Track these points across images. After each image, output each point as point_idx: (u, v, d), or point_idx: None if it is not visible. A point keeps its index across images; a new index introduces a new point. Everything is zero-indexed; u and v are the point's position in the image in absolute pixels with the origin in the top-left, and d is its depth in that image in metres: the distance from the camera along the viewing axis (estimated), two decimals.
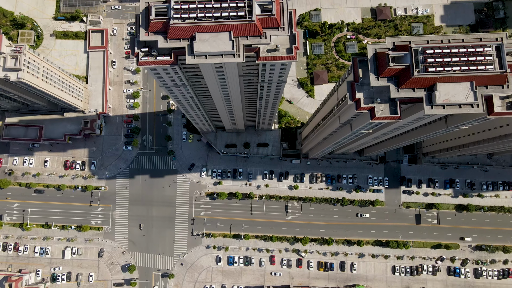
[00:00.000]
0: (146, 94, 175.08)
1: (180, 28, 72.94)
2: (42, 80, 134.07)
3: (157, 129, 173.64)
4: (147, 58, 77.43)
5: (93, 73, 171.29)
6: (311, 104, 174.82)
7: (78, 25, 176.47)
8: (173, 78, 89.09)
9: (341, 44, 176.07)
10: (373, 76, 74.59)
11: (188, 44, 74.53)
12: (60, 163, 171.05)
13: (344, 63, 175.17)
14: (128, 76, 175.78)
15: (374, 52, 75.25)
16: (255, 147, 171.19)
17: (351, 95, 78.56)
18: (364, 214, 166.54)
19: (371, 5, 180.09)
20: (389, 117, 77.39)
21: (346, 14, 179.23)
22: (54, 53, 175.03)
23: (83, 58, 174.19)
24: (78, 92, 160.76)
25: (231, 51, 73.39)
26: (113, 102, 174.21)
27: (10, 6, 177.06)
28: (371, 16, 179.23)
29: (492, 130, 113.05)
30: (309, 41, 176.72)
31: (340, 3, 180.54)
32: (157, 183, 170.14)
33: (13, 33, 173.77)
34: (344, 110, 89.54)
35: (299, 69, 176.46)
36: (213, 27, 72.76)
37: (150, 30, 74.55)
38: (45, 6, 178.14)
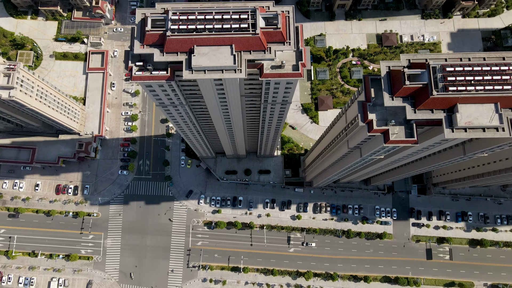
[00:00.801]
0: (145, 117, 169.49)
1: (177, 41, 67.41)
2: (36, 100, 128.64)
3: (155, 154, 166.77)
4: (141, 72, 71.57)
5: (91, 95, 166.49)
6: (315, 130, 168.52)
7: (78, 47, 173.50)
8: (169, 96, 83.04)
9: (346, 69, 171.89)
10: (387, 95, 68.17)
11: (186, 58, 68.80)
12: (51, 187, 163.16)
13: (349, 89, 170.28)
14: (127, 99, 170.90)
15: (388, 70, 69.16)
16: (256, 174, 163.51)
17: (363, 116, 71.88)
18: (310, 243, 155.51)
19: (377, 31, 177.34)
20: (405, 140, 70.33)
21: (351, 40, 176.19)
22: (52, 74, 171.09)
23: (82, 79, 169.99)
24: (74, 113, 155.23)
25: (232, 66, 67.50)
26: (111, 124, 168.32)
27: (11, 26, 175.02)
28: (376, 42, 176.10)
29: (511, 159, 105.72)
30: (313, 66, 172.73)
31: (345, 29, 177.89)
32: (152, 210, 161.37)
33: (12, 53, 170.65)
34: (354, 133, 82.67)
35: (303, 94, 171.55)
36: (213, 40, 67.24)
37: (146, 43, 69.04)
38: (47, 28, 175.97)
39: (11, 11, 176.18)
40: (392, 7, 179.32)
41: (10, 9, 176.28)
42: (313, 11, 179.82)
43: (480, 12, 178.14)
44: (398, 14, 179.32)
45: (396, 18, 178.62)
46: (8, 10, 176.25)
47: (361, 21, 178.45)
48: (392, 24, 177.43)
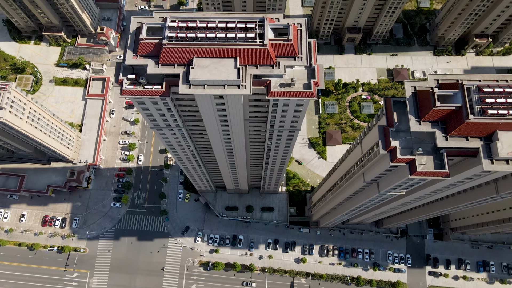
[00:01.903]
0: (143, 147, 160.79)
1: (175, 51, 59.57)
2: (27, 123, 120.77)
3: (151, 186, 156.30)
4: (133, 86, 63.26)
5: (89, 122, 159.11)
6: (323, 166, 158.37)
7: (80, 73, 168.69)
8: (165, 116, 74.33)
9: (356, 104, 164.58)
10: (414, 119, 58.86)
11: (183, 71, 60.67)
12: (38, 218, 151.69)
13: (359, 124, 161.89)
14: (126, 127, 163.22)
15: (413, 90, 60.38)
16: (258, 212, 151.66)
17: (384, 143, 62.17)
18: None
19: (387, 66, 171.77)
20: (434, 172, 60.09)
21: (361, 74, 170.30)
22: (50, 99, 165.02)
23: (80, 105, 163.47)
24: (69, 140, 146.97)
25: (236, 80, 59.09)
26: (106, 153, 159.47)
27: (13, 50, 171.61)
28: (387, 77, 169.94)
29: None
30: (321, 99, 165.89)
31: (355, 63, 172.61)
32: (144, 248, 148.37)
33: (11, 77, 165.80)
34: (372, 164, 72.62)
35: (311, 128, 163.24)
36: (215, 51, 59.35)
37: (139, 53, 61.28)
38: (49, 53, 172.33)
39: (14, 36, 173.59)
40: (403, 43, 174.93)
41: (14, 33, 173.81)
42: (322, 44, 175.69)
43: (494, 50, 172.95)
44: (409, 50, 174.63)
45: (408, 53, 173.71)
46: (12, 35, 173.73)
47: (371, 56, 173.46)
48: (403, 60, 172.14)
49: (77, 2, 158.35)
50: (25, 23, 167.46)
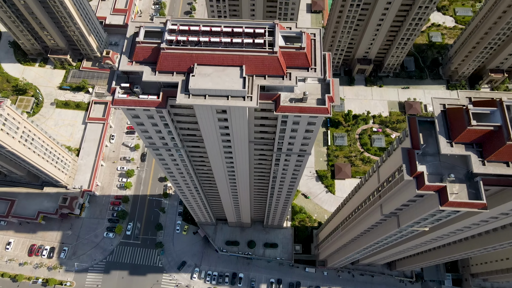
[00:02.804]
0: (142, 174, 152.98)
1: (174, 56, 53.36)
2: (19, 143, 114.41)
3: (148, 215, 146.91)
4: (126, 96, 56.63)
5: (87, 146, 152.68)
6: (331, 201, 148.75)
7: (82, 96, 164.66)
8: (161, 133, 67.21)
9: (367, 136, 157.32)
10: (444, 140, 51.09)
11: (183, 80, 54.18)
12: (25, 247, 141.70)
13: (370, 158, 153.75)
14: (125, 153, 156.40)
15: (442, 108, 53.02)
16: (261, 247, 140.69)
17: (409, 168, 53.96)
18: None
19: (399, 99, 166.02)
20: (469, 203, 51.38)
21: (372, 106, 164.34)
22: (50, 122, 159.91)
23: (80, 129, 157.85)
24: (64, 164, 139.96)
25: (241, 90, 52.27)
26: (103, 179, 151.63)
27: (16, 72, 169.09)
28: (399, 110, 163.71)
29: None
30: (330, 130, 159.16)
31: (365, 95, 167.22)
32: (136, 283, 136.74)
33: (12, 99, 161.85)
34: (393, 193, 63.95)
35: (318, 160, 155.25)
36: (219, 57, 53.04)
37: (135, 59, 55.16)
38: (53, 76, 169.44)
39: (20, 58, 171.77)
40: (415, 76, 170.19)
41: (19, 55, 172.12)
42: (331, 75, 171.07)
43: (510, 86, 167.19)
44: (421, 83, 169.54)
45: (420, 87, 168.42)
46: (17, 56, 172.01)
47: (382, 88, 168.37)
48: (416, 93, 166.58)
49: (85, 26, 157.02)
50: (31, 45, 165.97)
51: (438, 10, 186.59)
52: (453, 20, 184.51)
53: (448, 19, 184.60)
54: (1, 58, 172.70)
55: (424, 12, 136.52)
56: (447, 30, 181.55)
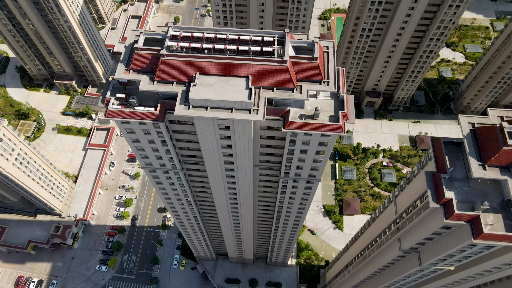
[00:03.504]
0: (141, 204, 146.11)
1: (174, 64, 49.00)
2: (14, 165, 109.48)
3: (144, 248, 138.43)
4: (121, 107, 51.83)
5: (86, 173, 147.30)
6: (339, 238, 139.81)
7: (85, 122, 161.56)
8: (158, 152, 61.75)
9: (376, 171, 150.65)
10: (475, 163, 45.04)
11: (183, 90, 49.51)
12: (11, 279, 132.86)
13: (380, 193, 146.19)
14: (125, 181, 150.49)
15: (471, 127, 47.36)
16: (263, 287, 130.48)
17: (435, 194, 47.50)
18: None
19: (410, 133, 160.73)
20: (507, 236, 44.36)
21: (382, 140, 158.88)
22: (50, 147, 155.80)
23: (80, 155, 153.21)
24: (60, 190, 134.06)
25: (246, 102, 47.31)
26: (100, 208, 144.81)
27: (21, 97, 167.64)
28: (410, 144, 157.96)
29: None
30: (338, 163, 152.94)
31: (374, 128, 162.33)
32: None
33: (13, 123, 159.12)
34: (414, 225, 56.86)
35: (326, 194, 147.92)
36: (223, 67, 48.58)
37: (133, 67, 50.88)
38: (57, 101, 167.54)
39: (25, 83, 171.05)
40: (426, 110, 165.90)
41: (25, 80, 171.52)
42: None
43: None
44: (432, 118, 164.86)
45: (431, 121, 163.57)
46: (23, 81, 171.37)
47: (392, 121, 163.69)
48: (427, 127, 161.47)
49: (92, 53, 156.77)
50: (38, 70, 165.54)
51: (448, 46, 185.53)
52: (463, 56, 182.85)
53: (457, 55, 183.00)
54: (7, 83, 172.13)
55: (433, 47, 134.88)
56: (457, 66, 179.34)
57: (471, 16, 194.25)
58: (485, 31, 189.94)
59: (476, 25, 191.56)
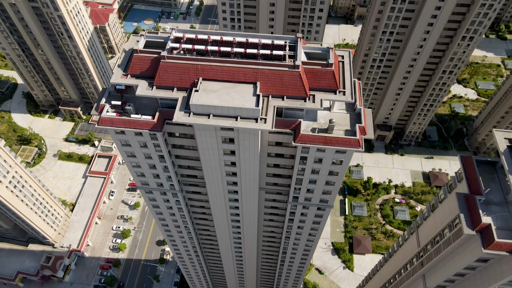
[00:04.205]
0: (139, 235, 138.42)
1: (176, 68, 44.83)
2: (7, 189, 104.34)
3: (139, 284, 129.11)
4: (116, 115, 47.21)
5: (84, 201, 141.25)
6: (349, 279, 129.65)
7: (87, 149, 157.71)
8: (155, 169, 56.39)
9: (388, 207, 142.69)
10: None
11: (184, 96, 44.99)
12: None
13: (393, 232, 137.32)
14: (123, 211, 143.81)
15: (508, 143, 41.68)
16: None
17: (470, 219, 40.98)
18: None
19: (423, 169, 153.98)
20: None
21: (393, 175, 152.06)
22: (49, 173, 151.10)
23: (79, 183, 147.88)
24: (55, 218, 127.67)
25: (253, 109, 42.47)
26: (95, 239, 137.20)
27: (25, 123, 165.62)
28: (423, 180, 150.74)
29: None
30: (348, 198, 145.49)
31: (385, 163, 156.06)
32: None
33: (15, 148, 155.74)
34: (442, 258, 49.59)
35: (335, 230, 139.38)
36: (229, 71, 44.30)
37: (131, 71, 46.79)
38: (61, 128, 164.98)
39: (31, 108, 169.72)
40: (439, 146, 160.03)
41: (31, 106, 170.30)
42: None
43: None
44: (446, 154, 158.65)
45: (445, 157, 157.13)
46: (28, 107, 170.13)
47: (403, 156, 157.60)
48: (441, 163, 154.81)
49: (100, 80, 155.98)
50: (44, 96, 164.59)
51: (459, 82, 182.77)
52: (475, 92, 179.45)
53: (469, 92, 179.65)
54: (12, 109, 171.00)
55: (444, 83, 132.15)
56: (470, 102, 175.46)
57: (481, 54, 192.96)
58: (496, 69, 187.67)
59: (487, 63, 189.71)
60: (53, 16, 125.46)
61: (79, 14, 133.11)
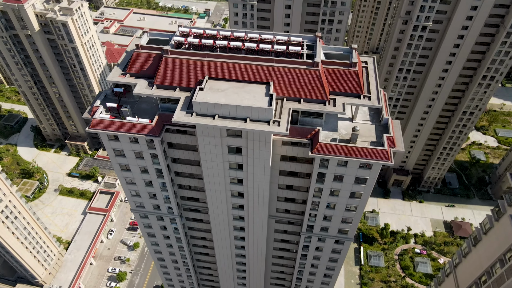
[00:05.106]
0: (135, 280, 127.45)
1: (180, 64, 40.07)
2: None
3: None
4: (109, 117, 41.91)
5: (80, 239, 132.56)
6: None
7: (89, 185, 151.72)
8: (151, 185, 49.74)
9: (408, 258, 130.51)
10: None
11: (187, 97, 39.73)
12: None
13: (414, 285, 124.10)
14: (121, 252, 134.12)
15: None
16: None
17: None
18: None
19: (444, 218, 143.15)
20: None
21: (412, 223, 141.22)
22: (48, 209, 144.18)
23: (77, 220, 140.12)
24: (47, 256, 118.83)
25: (265, 108, 36.77)
26: (89, 281, 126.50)
27: (29, 156, 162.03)
28: (445, 230, 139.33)
29: None
30: (363, 247, 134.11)
31: (403, 210, 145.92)
32: None
33: (16, 181, 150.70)
34: None
35: (349, 282, 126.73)
36: (239, 69, 39.31)
37: (131, 70, 42.26)
38: (66, 162, 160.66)
39: (38, 142, 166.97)
40: (460, 194, 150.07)
41: (38, 140, 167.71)
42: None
43: None
44: (468, 202, 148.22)
45: (467, 206, 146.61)
46: (35, 141, 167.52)
47: (422, 204, 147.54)
48: (463, 212, 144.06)
49: None
50: (52, 130, 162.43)
51: (477, 129, 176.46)
52: (495, 140, 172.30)
53: (489, 139, 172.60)
54: (19, 142, 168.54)
55: (461, 131, 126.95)
56: (491, 150, 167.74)
57: (499, 102, 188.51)
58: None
59: (505, 111, 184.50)
60: (67, 48, 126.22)
61: (93, 48, 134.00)
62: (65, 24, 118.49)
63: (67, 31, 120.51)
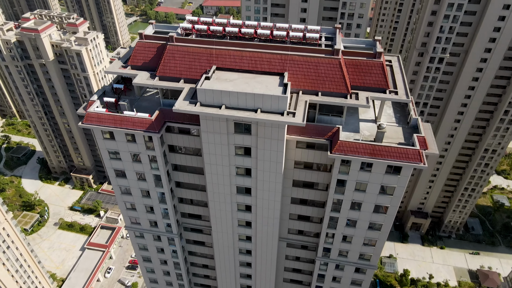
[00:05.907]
0: None
1: (185, 53, 36.57)
2: None
3: None
4: (105, 110, 37.87)
5: (75, 276, 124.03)
6: None
7: (91, 219, 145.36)
8: (149, 197, 44.47)
9: None
10: None
11: (191, 87, 35.71)
12: None
13: None
14: None
15: None
16: None
17: None
18: None
19: (468, 266, 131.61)
20: None
21: (434, 271, 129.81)
22: (45, 243, 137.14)
23: (75, 256, 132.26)
24: None
25: (279, 96, 32.34)
26: None
27: (32, 188, 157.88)
28: (470, 279, 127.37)
29: None
30: None
31: (423, 256, 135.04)
32: None
33: (16, 213, 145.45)
34: None
35: None
36: (250, 58, 35.60)
37: (132, 62, 38.94)
38: (69, 196, 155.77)
39: (42, 174, 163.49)
40: (485, 241, 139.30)
41: (43, 172, 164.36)
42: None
43: None
44: (494, 250, 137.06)
45: (493, 254, 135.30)
46: (40, 173, 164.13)
47: (444, 250, 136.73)
48: (489, 261, 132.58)
49: None
50: (58, 163, 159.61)
51: (498, 173, 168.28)
52: None
53: (511, 184, 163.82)
54: (24, 174, 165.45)
55: (481, 177, 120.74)
56: None
57: None
58: None
59: None
60: (79, 77, 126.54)
61: (105, 79, 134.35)
62: (79, 54, 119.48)
63: (81, 61, 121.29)
